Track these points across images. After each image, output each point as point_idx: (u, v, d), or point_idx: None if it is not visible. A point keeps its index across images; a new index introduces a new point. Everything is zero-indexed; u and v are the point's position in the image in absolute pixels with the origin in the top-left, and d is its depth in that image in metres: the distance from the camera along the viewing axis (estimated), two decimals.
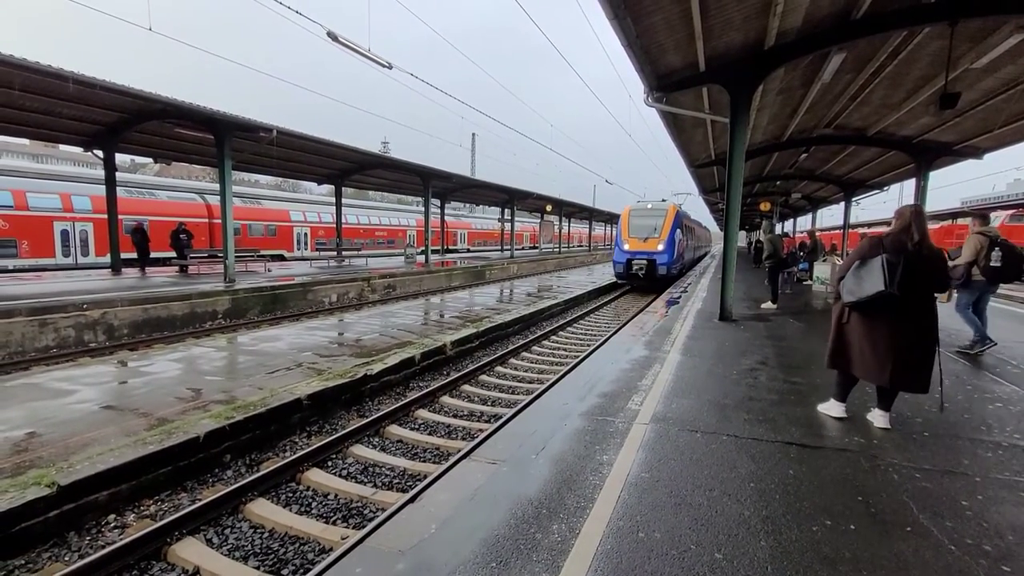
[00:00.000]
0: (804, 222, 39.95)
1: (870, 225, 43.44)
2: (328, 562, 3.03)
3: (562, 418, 4.28)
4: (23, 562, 3.46)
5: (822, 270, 13.73)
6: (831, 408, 4.29)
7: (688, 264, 24.90)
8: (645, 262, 18.12)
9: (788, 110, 11.82)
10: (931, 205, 17.67)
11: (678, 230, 19.18)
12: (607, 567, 2.35)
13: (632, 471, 3.28)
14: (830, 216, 42.50)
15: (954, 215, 33.34)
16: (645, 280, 18.17)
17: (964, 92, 8.70)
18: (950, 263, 5.27)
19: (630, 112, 21.10)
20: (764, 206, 23.29)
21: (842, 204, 23.55)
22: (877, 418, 4.11)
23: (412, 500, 3.30)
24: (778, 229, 32.13)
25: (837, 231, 33.29)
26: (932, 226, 30.50)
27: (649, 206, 20.03)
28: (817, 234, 17.23)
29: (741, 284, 13.64)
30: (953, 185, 39.11)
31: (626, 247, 18.78)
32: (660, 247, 18.28)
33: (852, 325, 3.89)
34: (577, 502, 2.92)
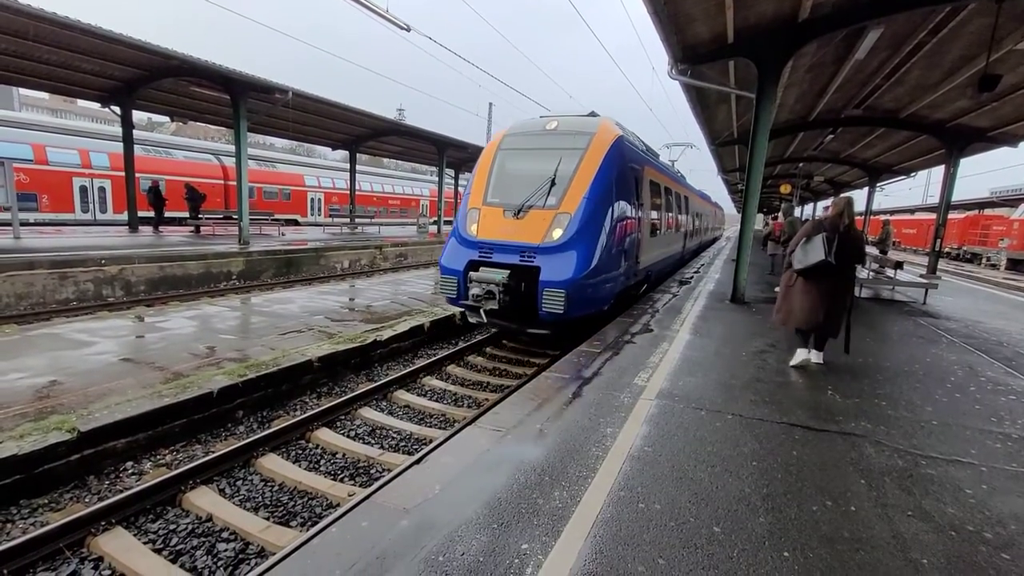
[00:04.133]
0: (824, 207, 39.08)
1: (892, 212, 42.35)
2: (335, 516, 3.12)
3: (568, 390, 4.31)
4: (46, 501, 3.63)
5: None
6: (797, 356, 5.25)
7: (667, 269, 12.69)
8: (505, 273, 6.61)
9: (817, 88, 11.40)
10: (958, 194, 16.99)
11: (623, 200, 7.39)
12: (606, 534, 2.40)
13: (635, 444, 3.31)
14: None
15: (981, 205, 32.37)
16: (506, 317, 6.82)
17: (1005, 75, 8.30)
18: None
19: (652, 84, 20.51)
20: (784, 188, 22.77)
21: (865, 189, 22.94)
22: (815, 356, 5.25)
23: (418, 462, 3.37)
24: (797, 213, 31.46)
25: (858, 217, 32.55)
26: (957, 216, 29.68)
27: (551, 125, 7.73)
28: None
29: (755, 267, 13.46)
30: (981, 175, 37.86)
31: (472, 230, 7.15)
32: (558, 233, 6.64)
33: (796, 287, 5.01)
34: (579, 471, 2.96)
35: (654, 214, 9.56)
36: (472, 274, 6.68)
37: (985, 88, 7.33)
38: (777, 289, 10.18)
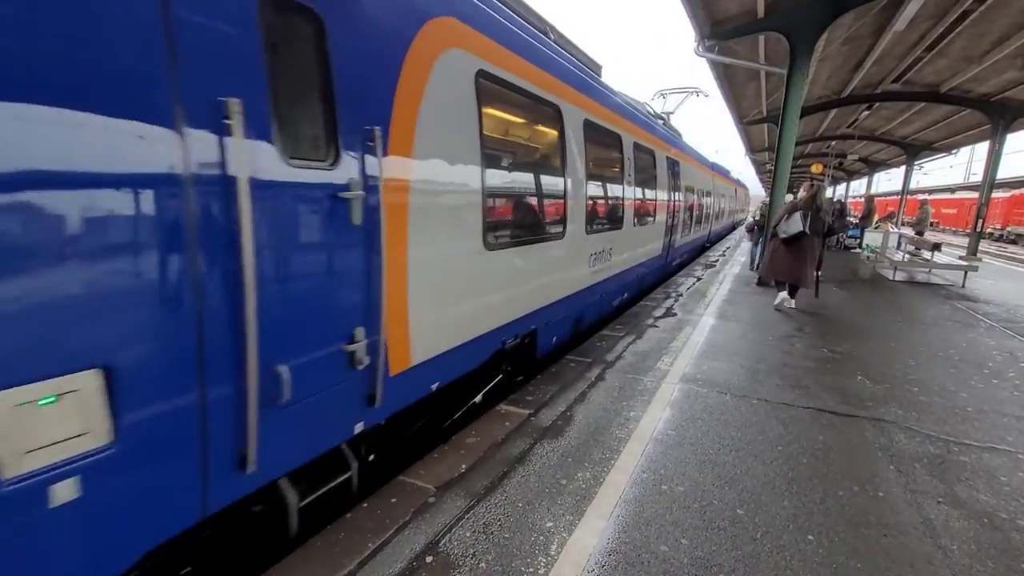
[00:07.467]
0: (858, 187, 37.68)
1: (931, 192, 40.59)
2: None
3: (591, 374, 4.33)
4: None
5: (873, 238, 12.96)
6: (778, 299, 6.88)
7: (621, 296, 6.88)
8: None
9: (852, 62, 10.93)
10: (1004, 172, 16.08)
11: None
12: (628, 514, 2.43)
13: (658, 427, 3.33)
14: (887, 181, 39.69)
15: None
16: None
17: None
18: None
19: (679, 60, 19.83)
20: (816, 168, 21.94)
21: (902, 168, 21.99)
22: (791, 302, 6.81)
23: (444, 443, 3.45)
24: (829, 193, 30.42)
25: (894, 197, 31.23)
26: (1002, 195, 28.28)
27: None
28: (874, 200, 16.23)
29: None
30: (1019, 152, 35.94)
31: None
32: None
33: (779, 251, 6.70)
34: (602, 453, 3.00)
35: (525, 174, 4.25)
36: None
37: None
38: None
